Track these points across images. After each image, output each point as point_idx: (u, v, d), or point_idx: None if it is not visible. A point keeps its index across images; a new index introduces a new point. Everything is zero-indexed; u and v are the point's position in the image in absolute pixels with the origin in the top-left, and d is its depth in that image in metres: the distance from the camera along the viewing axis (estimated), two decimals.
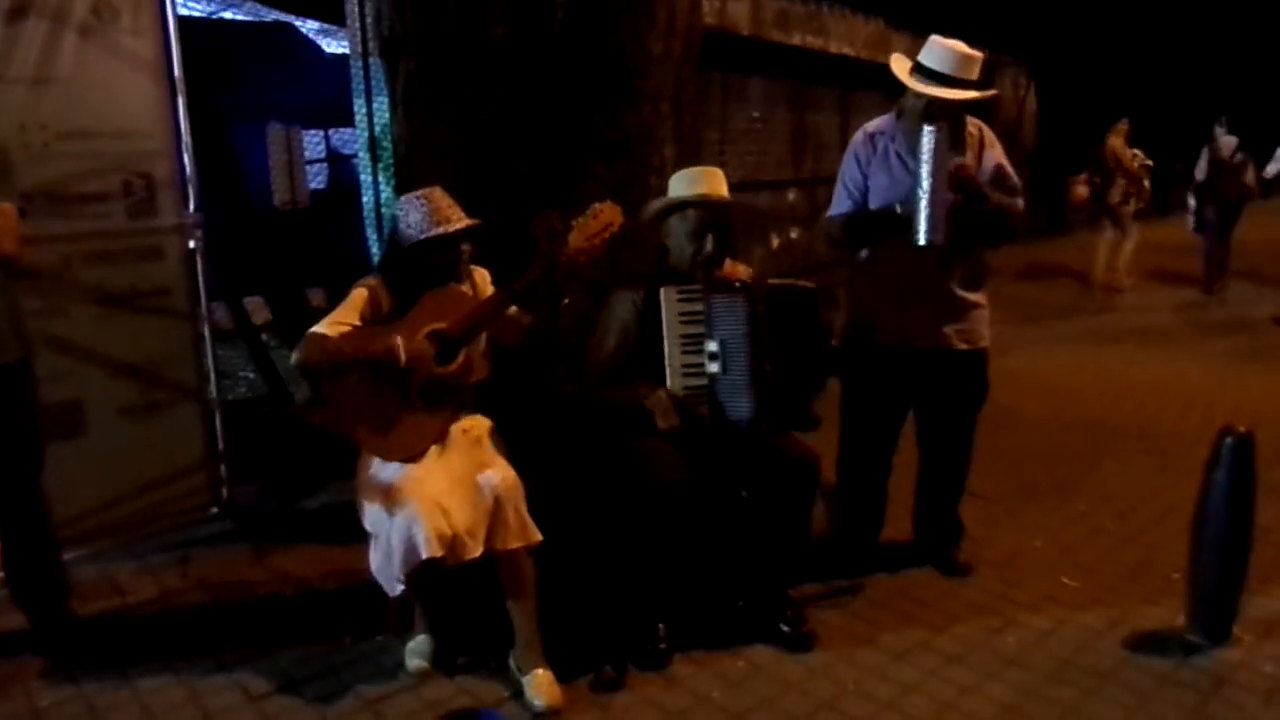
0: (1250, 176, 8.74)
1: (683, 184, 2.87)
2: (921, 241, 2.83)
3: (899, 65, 3.01)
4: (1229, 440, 2.73)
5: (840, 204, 3.16)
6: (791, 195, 9.66)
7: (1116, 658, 2.77)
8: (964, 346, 3.11)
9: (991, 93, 2.94)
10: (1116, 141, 8.91)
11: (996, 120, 13.51)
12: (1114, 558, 3.43)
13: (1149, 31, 16.07)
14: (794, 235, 9.71)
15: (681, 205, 2.83)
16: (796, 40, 8.86)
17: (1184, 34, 16.76)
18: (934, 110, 2.88)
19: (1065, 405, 5.44)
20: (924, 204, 2.80)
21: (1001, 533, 3.61)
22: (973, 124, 3.08)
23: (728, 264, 2.93)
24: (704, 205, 2.82)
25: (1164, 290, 9.62)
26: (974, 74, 2.93)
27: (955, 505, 3.37)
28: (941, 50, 2.93)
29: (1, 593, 3.00)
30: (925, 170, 2.79)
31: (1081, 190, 9.11)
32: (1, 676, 2.74)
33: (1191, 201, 9.23)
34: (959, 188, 2.85)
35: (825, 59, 9.39)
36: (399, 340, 2.57)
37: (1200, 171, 9.03)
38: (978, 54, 2.93)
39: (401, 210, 2.68)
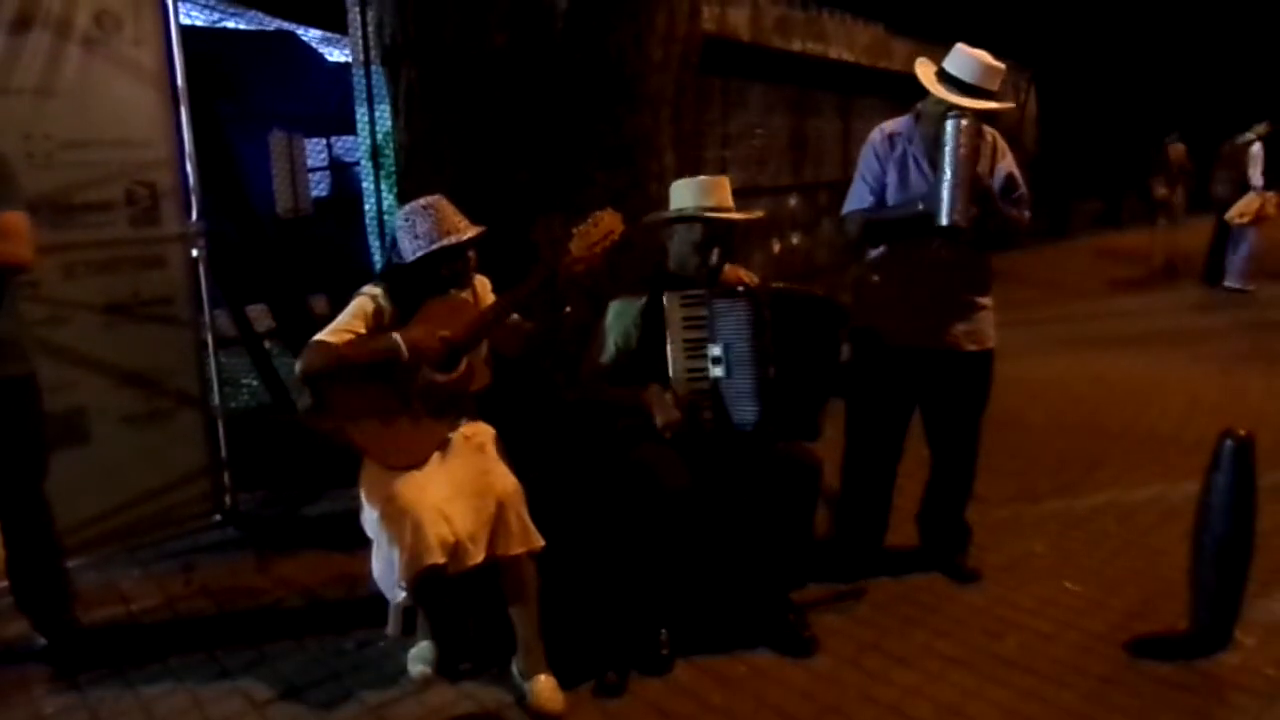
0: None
1: (690, 194, 2.83)
2: (944, 221, 2.82)
3: (924, 70, 3.02)
4: (1229, 443, 2.73)
5: (861, 199, 3.14)
6: (793, 201, 9.67)
7: (1118, 661, 2.77)
8: (972, 347, 3.13)
9: (1009, 105, 2.96)
10: (1179, 150, 10.72)
11: (998, 125, 13.53)
12: (1116, 561, 3.43)
13: (1150, 35, 16.08)
14: (795, 241, 9.71)
15: (691, 218, 2.81)
16: (796, 46, 8.87)
17: (1184, 37, 16.77)
18: (954, 114, 2.88)
19: (1067, 408, 5.44)
20: (947, 187, 2.81)
21: (1003, 537, 3.61)
22: (987, 132, 3.09)
23: (728, 268, 2.94)
24: (713, 221, 2.80)
25: (1164, 290, 9.65)
26: (995, 85, 2.96)
27: (963, 510, 3.37)
28: (966, 59, 2.95)
29: (5, 600, 3.01)
30: (949, 156, 2.81)
31: (1163, 191, 10.85)
32: (6, 684, 2.75)
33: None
34: (976, 194, 2.86)
35: (825, 65, 9.40)
36: (397, 335, 2.57)
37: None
38: (1000, 66, 2.95)
39: (408, 221, 2.66)
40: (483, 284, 2.85)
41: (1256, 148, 9.17)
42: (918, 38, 10.02)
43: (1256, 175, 9.11)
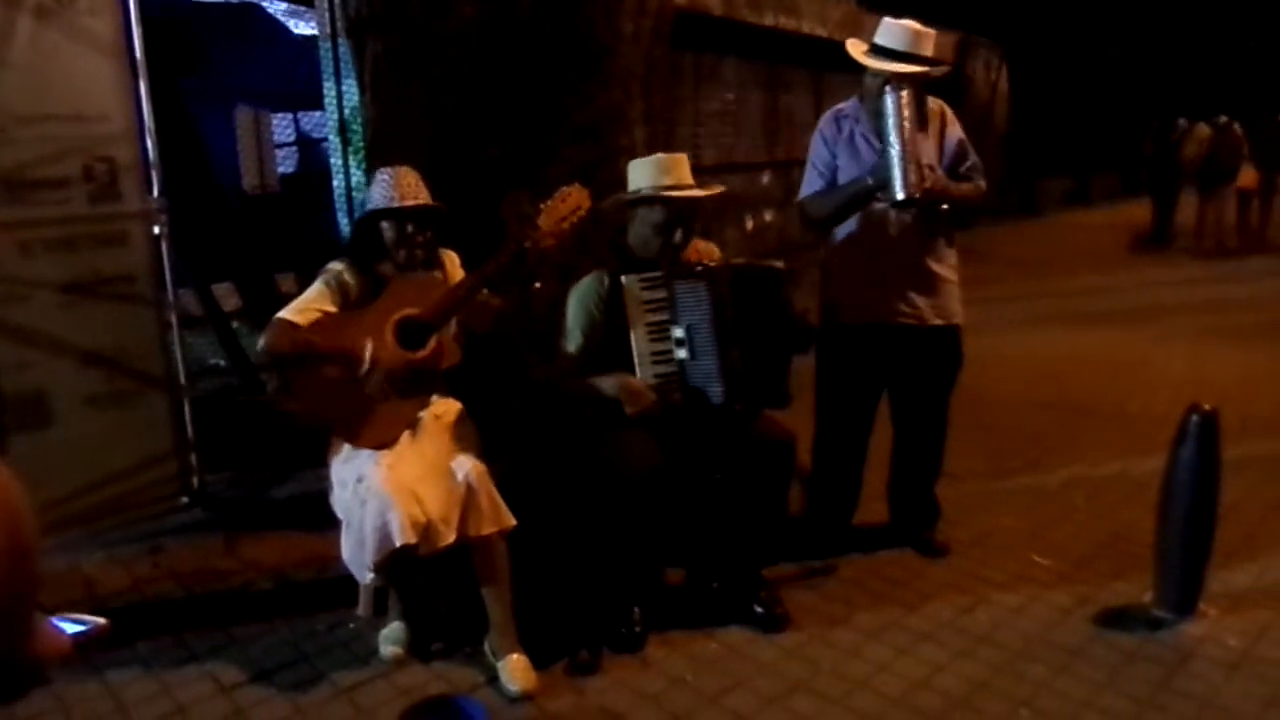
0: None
1: (647, 174, 2.78)
2: (900, 196, 2.81)
3: (854, 47, 3.05)
4: (1195, 418, 2.77)
5: (812, 184, 3.18)
6: (765, 178, 9.66)
7: (1085, 634, 2.80)
8: (938, 321, 3.14)
9: (944, 69, 3.02)
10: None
11: (969, 102, 13.57)
12: (1084, 535, 3.47)
13: (1121, 13, 16.16)
14: (768, 218, 9.71)
15: (650, 199, 2.76)
16: (769, 21, 8.83)
17: (1156, 15, 16.87)
18: (892, 87, 2.90)
19: (1036, 385, 5.49)
20: (896, 161, 2.81)
21: (973, 512, 3.64)
22: (934, 102, 3.12)
23: (692, 243, 2.91)
24: (674, 201, 2.75)
25: (1133, 266, 9.75)
26: (928, 50, 2.99)
27: (932, 486, 3.39)
28: (894, 28, 3.01)
29: None
30: (892, 130, 2.81)
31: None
32: None
33: None
34: (927, 197, 2.88)
35: (798, 40, 9.37)
36: (368, 344, 2.54)
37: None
38: (930, 31, 3.00)
39: (371, 182, 2.70)
40: (452, 260, 2.82)
41: None
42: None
43: None
